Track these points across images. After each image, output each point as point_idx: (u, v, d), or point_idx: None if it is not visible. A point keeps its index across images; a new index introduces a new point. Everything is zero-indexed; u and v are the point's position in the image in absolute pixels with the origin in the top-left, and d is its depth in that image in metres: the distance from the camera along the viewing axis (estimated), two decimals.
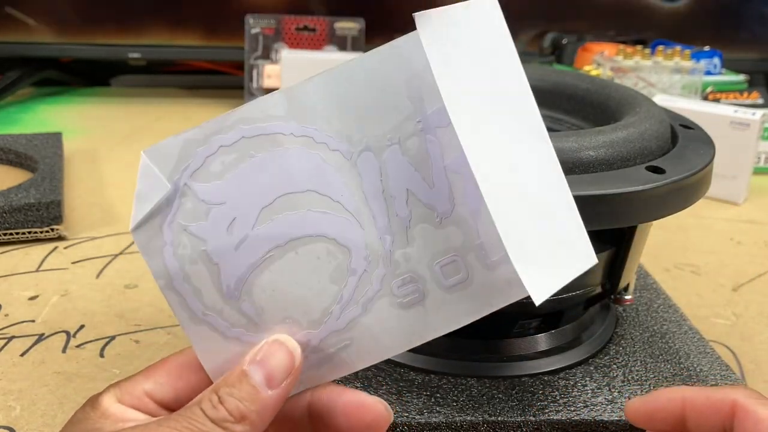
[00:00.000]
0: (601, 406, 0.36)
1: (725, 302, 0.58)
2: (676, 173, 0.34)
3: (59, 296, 0.55)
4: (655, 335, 0.42)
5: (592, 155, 0.33)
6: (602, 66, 1.00)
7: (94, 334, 0.50)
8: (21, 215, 0.63)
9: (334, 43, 1.15)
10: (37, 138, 0.82)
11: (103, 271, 0.60)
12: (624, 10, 1.25)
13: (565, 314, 0.39)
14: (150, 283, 0.58)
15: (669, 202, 0.33)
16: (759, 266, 0.65)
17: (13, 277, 0.58)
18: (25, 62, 1.17)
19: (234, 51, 1.16)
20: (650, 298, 0.46)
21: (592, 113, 0.45)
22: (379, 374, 0.37)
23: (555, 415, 0.35)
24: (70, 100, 1.17)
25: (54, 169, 0.72)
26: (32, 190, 0.65)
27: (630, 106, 0.40)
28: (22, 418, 0.41)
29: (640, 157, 0.35)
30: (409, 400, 0.36)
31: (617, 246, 0.38)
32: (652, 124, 0.37)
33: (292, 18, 1.13)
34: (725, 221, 0.75)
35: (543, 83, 0.47)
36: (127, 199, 0.76)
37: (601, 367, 0.39)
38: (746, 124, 0.77)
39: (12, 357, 0.47)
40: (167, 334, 0.50)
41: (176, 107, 1.15)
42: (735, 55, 1.22)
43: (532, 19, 1.24)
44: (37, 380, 0.45)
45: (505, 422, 0.35)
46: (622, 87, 0.44)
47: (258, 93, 1.12)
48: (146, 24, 1.15)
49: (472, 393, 0.36)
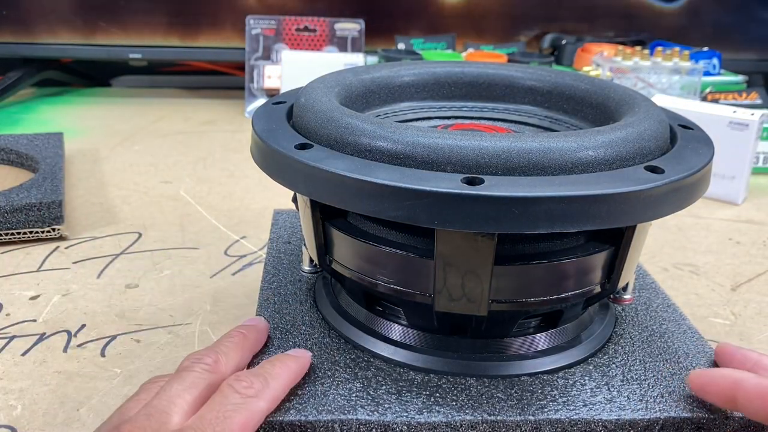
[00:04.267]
0: (600, 405, 0.36)
1: (724, 302, 0.58)
2: (675, 173, 0.34)
3: (60, 296, 0.55)
4: (654, 335, 0.42)
5: (591, 155, 0.34)
6: (601, 66, 1.00)
7: (95, 333, 0.50)
8: (22, 215, 0.63)
9: (335, 43, 1.15)
10: (38, 138, 0.83)
11: (104, 270, 0.60)
12: (623, 10, 1.25)
13: (564, 313, 0.40)
14: (150, 282, 0.58)
15: (668, 202, 0.33)
16: (758, 266, 0.65)
17: (14, 276, 0.58)
18: (26, 63, 1.17)
19: (234, 51, 1.16)
20: (649, 298, 0.46)
21: (591, 113, 0.45)
22: (378, 374, 0.38)
23: (554, 414, 0.35)
24: (71, 101, 1.18)
25: (55, 169, 0.72)
26: (33, 190, 0.66)
27: (629, 107, 0.41)
28: (23, 417, 0.42)
29: (639, 157, 0.35)
30: (409, 399, 0.36)
31: (616, 245, 0.38)
32: (651, 124, 0.37)
33: (292, 19, 1.14)
34: (724, 221, 0.76)
35: (542, 84, 0.48)
36: (127, 199, 0.76)
37: (600, 366, 0.39)
38: (745, 124, 0.77)
39: (13, 356, 0.48)
40: (168, 333, 0.51)
41: (177, 107, 1.15)
42: (734, 56, 1.22)
43: (532, 20, 1.25)
44: (38, 379, 0.45)
45: (504, 421, 0.35)
46: (621, 87, 0.44)
47: (259, 93, 1.12)
48: (147, 24, 1.16)
49: (471, 392, 0.36)
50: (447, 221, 0.31)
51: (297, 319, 0.42)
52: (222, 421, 0.31)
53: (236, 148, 0.95)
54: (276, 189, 0.68)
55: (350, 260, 0.39)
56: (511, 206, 0.30)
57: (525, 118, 0.48)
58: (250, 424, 0.32)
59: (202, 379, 0.34)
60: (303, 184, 0.34)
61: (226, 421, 0.31)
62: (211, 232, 0.68)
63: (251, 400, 0.32)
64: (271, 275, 0.48)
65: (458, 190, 0.30)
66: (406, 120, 0.47)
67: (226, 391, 0.33)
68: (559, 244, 0.37)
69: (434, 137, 0.33)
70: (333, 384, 0.37)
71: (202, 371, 0.34)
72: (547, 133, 0.42)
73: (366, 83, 0.46)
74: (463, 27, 1.22)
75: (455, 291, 0.35)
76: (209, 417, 0.31)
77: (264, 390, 0.33)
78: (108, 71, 1.33)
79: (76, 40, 1.15)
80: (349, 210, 0.38)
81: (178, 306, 0.54)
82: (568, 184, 0.32)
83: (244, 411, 0.32)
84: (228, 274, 0.60)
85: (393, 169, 0.33)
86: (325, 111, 0.37)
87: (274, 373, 0.35)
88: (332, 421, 0.34)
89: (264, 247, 0.64)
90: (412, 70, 0.48)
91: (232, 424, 0.31)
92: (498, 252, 0.33)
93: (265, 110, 0.42)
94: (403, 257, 0.36)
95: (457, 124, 0.46)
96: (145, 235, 0.67)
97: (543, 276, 0.36)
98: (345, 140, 0.35)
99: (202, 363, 0.35)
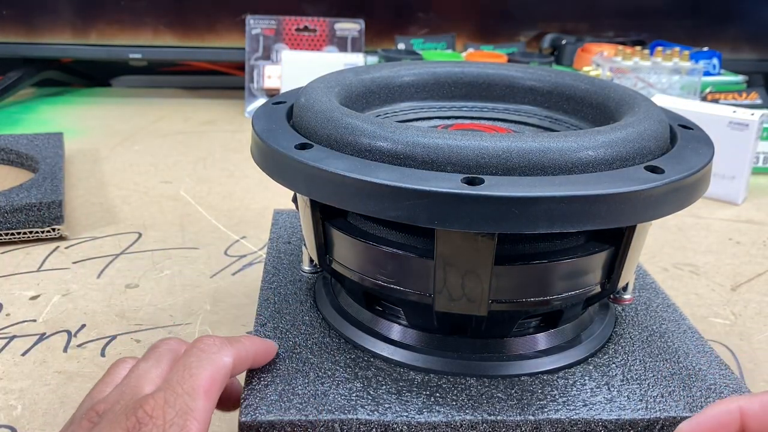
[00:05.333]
0: (600, 405, 0.36)
1: (724, 302, 0.58)
2: (675, 173, 0.34)
3: (60, 296, 0.55)
4: (654, 334, 0.42)
5: (591, 155, 0.34)
6: (601, 66, 1.00)
7: (95, 333, 0.51)
8: (22, 215, 0.63)
9: (335, 43, 1.15)
10: (38, 138, 0.83)
11: (104, 270, 0.60)
12: (623, 10, 1.25)
13: (564, 313, 0.40)
14: (150, 282, 0.58)
15: (668, 202, 0.33)
16: (758, 266, 0.65)
17: (14, 276, 0.58)
18: (27, 63, 1.17)
19: (234, 51, 1.16)
20: (649, 298, 0.46)
21: (591, 113, 0.45)
22: (378, 374, 0.37)
23: (554, 414, 0.35)
24: (71, 101, 1.18)
25: (55, 169, 0.72)
26: (33, 190, 0.66)
27: (629, 107, 0.41)
28: (23, 417, 0.42)
29: (639, 157, 0.35)
30: (409, 399, 0.36)
31: (616, 245, 0.38)
32: (651, 124, 0.37)
33: (292, 19, 1.14)
34: (724, 221, 0.76)
35: (542, 84, 0.48)
36: (127, 199, 0.76)
37: (600, 366, 0.39)
38: (745, 124, 0.77)
39: (13, 356, 0.48)
40: (168, 333, 0.51)
41: (177, 107, 1.15)
42: (734, 56, 1.22)
43: (532, 20, 1.25)
44: (38, 379, 0.45)
45: (504, 421, 0.35)
46: (621, 87, 0.44)
47: (258, 93, 1.12)
48: (147, 24, 1.16)
49: (471, 392, 0.36)
50: (447, 221, 0.31)
51: (297, 319, 0.42)
52: (189, 378, 0.31)
53: (236, 148, 0.95)
54: (276, 189, 0.68)
55: (350, 260, 0.39)
56: (511, 206, 0.30)
57: (525, 118, 0.48)
58: (217, 378, 0.32)
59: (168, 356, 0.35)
60: (303, 184, 0.34)
61: (193, 377, 0.31)
62: (211, 232, 0.68)
63: (214, 355, 0.33)
64: (271, 275, 0.48)
65: (458, 190, 0.30)
66: (406, 120, 0.47)
67: (189, 352, 0.33)
68: (559, 244, 0.37)
69: (434, 137, 0.33)
70: (333, 384, 0.37)
71: (168, 350, 0.35)
72: (547, 133, 0.42)
73: (366, 83, 0.46)
74: (463, 27, 1.22)
75: (455, 291, 0.35)
76: (176, 378, 0.32)
77: (226, 347, 0.34)
78: (108, 71, 1.33)
79: (76, 40, 1.15)
80: (349, 210, 0.38)
81: (178, 306, 0.54)
82: (568, 184, 0.32)
83: (208, 365, 0.32)
84: (228, 274, 0.60)
85: (393, 169, 0.33)
86: (325, 111, 0.37)
87: (237, 338, 0.36)
88: (332, 420, 0.34)
89: (264, 247, 0.64)
90: (412, 70, 0.48)
91: (199, 379, 0.31)
92: (498, 252, 0.33)
93: (265, 110, 0.42)
94: (403, 257, 0.36)
95: (457, 124, 0.46)
96: (145, 235, 0.67)
97: (543, 276, 0.36)
98: (345, 140, 0.35)
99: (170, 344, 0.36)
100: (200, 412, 0.30)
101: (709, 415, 0.30)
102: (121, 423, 0.29)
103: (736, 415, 0.29)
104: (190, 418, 0.30)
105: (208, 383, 0.32)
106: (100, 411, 0.31)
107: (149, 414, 0.29)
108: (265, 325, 0.41)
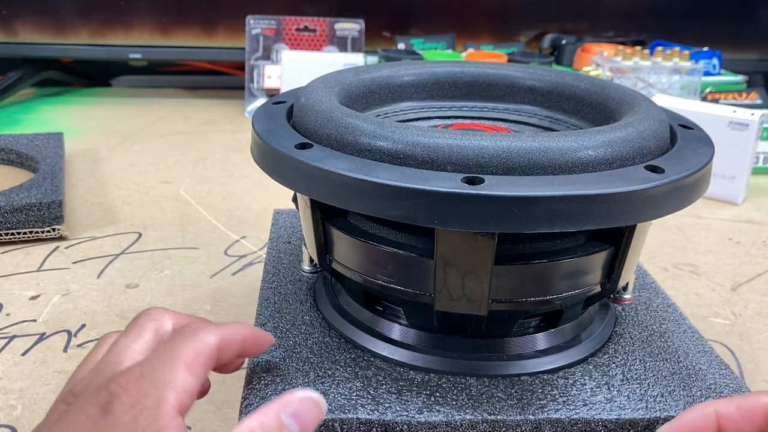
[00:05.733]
0: (600, 404, 0.36)
1: (724, 302, 0.58)
2: (675, 173, 0.34)
3: (60, 296, 0.55)
4: (654, 334, 0.42)
5: (591, 155, 0.34)
6: (601, 66, 1.00)
7: (95, 333, 0.51)
8: (22, 215, 0.63)
9: (335, 43, 1.15)
10: (38, 138, 0.83)
11: (104, 270, 0.60)
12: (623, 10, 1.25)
13: (564, 313, 0.40)
14: (150, 282, 0.58)
15: (668, 202, 0.33)
16: (758, 266, 0.65)
17: (14, 276, 0.58)
18: (27, 63, 1.17)
19: (234, 51, 1.16)
20: (649, 298, 0.46)
21: (592, 113, 0.45)
22: (378, 373, 0.37)
23: (554, 413, 0.35)
24: (71, 101, 1.18)
25: (55, 169, 0.72)
26: (33, 190, 0.66)
27: (629, 106, 0.41)
28: (23, 417, 0.42)
29: (639, 157, 0.35)
30: (409, 399, 0.36)
31: (616, 245, 0.38)
32: (651, 124, 0.37)
33: (292, 19, 1.14)
34: (724, 221, 0.76)
35: (542, 84, 0.48)
36: (127, 199, 0.76)
37: (600, 366, 0.39)
38: (745, 124, 0.77)
39: (13, 356, 0.48)
40: None
41: (176, 107, 1.15)
42: (734, 56, 1.22)
43: (532, 19, 1.25)
44: (38, 379, 0.45)
45: (504, 421, 0.35)
46: (621, 87, 0.44)
47: (259, 93, 1.12)
48: (147, 24, 1.16)
49: (471, 392, 0.36)
50: (447, 221, 0.31)
51: (297, 318, 0.42)
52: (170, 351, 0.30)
53: (236, 148, 0.95)
54: (276, 189, 0.68)
55: (350, 260, 0.39)
56: (511, 206, 0.30)
57: (525, 117, 0.48)
58: (200, 354, 0.31)
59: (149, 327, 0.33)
60: (303, 183, 0.34)
61: (174, 350, 0.30)
62: (211, 232, 0.68)
63: (198, 333, 0.32)
64: (271, 275, 0.48)
65: (458, 189, 0.30)
66: (406, 120, 0.47)
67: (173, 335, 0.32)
68: (559, 243, 0.37)
69: (434, 137, 0.33)
70: (333, 383, 0.37)
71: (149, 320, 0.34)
72: (547, 132, 0.42)
73: (366, 83, 0.46)
74: (464, 27, 1.22)
75: (455, 291, 0.35)
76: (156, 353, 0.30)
77: (210, 327, 0.33)
78: (108, 71, 1.33)
79: (76, 40, 1.15)
80: (349, 210, 0.38)
81: (178, 306, 0.54)
82: (568, 183, 0.32)
83: (192, 342, 0.31)
84: (228, 274, 0.60)
85: (393, 168, 0.33)
86: (325, 111, 0.37)
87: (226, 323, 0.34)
88: (332, 420, 0.34)
89: (264, 247, 0.64)
90: (412, 70, 0.48)
91: (180, 353, 0.30)
92: (498, 252, 0.33)
93: (265, 110, 0.42)
94: (403, 257, 0.36)
95: (457, 123, 0.46)
96: (145, 235, 0.67)
97: (543, 276, 0.36)
98: (345, 140, 0.35)
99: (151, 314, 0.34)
100: (179, 383, 0.29)
101: (686, 420, 0.31)
102: (91, 400, 0.28)
103: (713, 418, 0.30)
104: (167, 389, 0.28)
105: (191, 357, 0.30)
106: (76, 391, 0.30)
107: (123, 386, 0.28)
108: (265, 325, 0.42)
